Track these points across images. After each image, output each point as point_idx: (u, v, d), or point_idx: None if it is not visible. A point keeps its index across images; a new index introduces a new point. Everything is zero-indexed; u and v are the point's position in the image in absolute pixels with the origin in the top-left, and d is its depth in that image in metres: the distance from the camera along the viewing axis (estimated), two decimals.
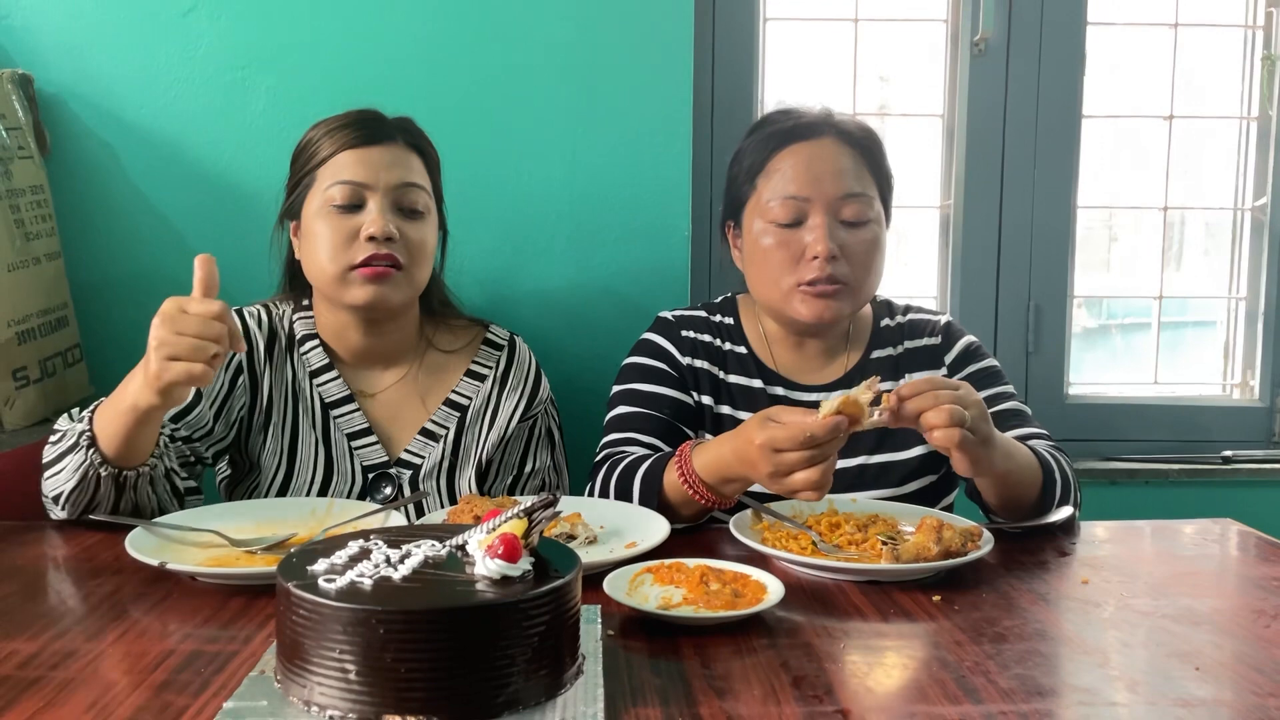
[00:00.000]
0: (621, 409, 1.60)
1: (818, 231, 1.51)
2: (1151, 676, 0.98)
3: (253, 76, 1.94)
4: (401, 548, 0.90)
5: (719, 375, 1.62)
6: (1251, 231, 2.36)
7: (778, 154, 1.55)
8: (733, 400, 1.61)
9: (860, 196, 1.53)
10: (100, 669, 0.96)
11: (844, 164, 1.54)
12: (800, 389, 1.61)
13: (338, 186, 1.49)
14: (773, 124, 1.59)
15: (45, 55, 1.91)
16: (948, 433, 1.24)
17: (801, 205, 1.52)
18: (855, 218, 1.53)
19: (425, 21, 1.95)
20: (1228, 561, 1.38)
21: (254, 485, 1.57)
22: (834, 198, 1.52)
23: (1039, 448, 1.46)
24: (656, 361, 1.62)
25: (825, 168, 1.53)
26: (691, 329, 1.65)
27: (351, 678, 0.79)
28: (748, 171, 1.59)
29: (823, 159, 1.54)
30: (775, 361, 1.63)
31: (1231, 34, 2.34)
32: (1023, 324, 2.31)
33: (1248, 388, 2.40)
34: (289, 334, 1.59)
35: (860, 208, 1.53)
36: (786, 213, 1.53)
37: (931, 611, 1.13)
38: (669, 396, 1.59)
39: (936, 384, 1.28)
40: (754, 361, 1.63)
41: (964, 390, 1.28)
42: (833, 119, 1.58)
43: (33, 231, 1.81)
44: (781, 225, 1.53)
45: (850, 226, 1.53)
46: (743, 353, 1.64)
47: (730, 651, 1.01)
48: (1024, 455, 1.40)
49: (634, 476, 1.44)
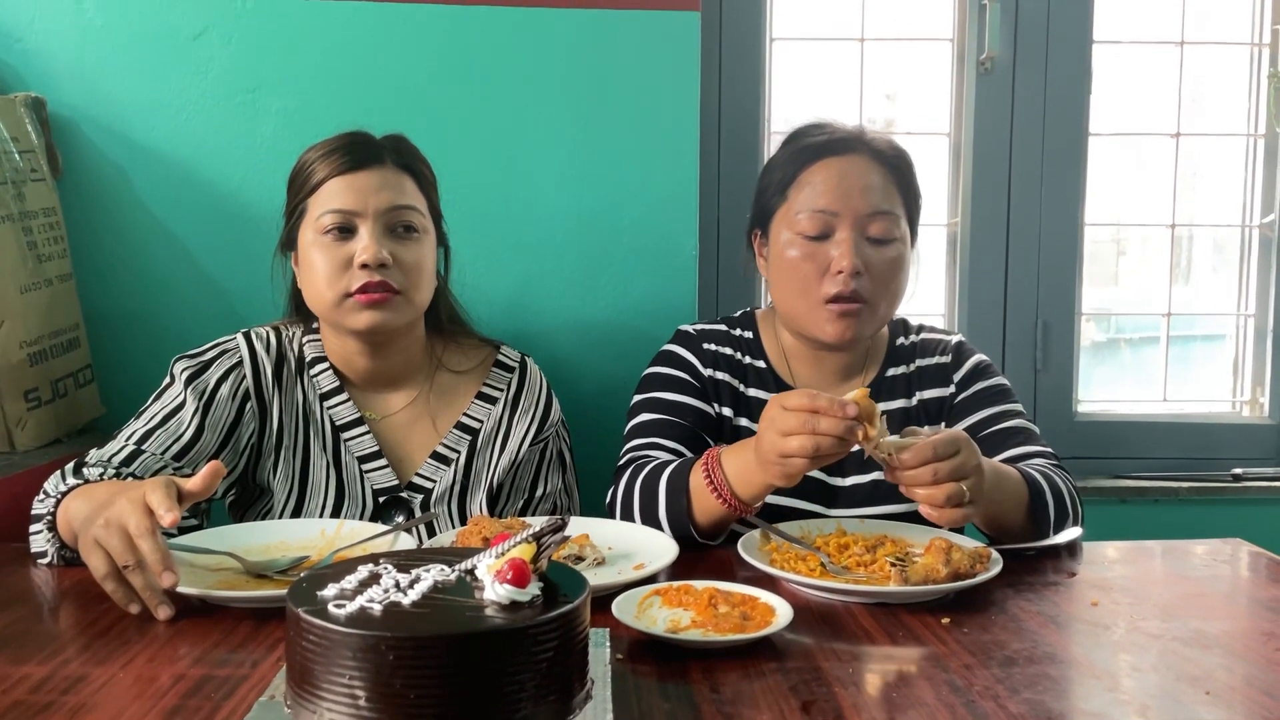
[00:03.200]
0: (644, 416, 1.60)
1: (844, 246, 1.52)
2: (1162, 701, 0.98)
3: (263, 99, 1.95)
4: (411, 572, 0.90)
5: (739, 388, 1.63)
6: (1260, 248, 2.36)
7: (809, 167, 1.57)
8: (750, 414, 1.62)
9: (887, 215, 1.54)
10: (112, 694, 0.97)
11: (873, 181, 1.55)
12: None
13: (328, 215, 1.48)
14: (806, 137, 1.61)
15: (58, 79, 1.93)
16: (945, 514, 1.25)
17: (829, 219, 1.53)
18: (881, 235, 1.54)
19: (434, 43, 1.96)
20: (1238, 583, 1.37)
21: (266, 509, 1.57)
22: (862, 214, 1.53)
23: (1032, 469, 1.46)
24: (679, 371, 1.63)
25: (855, 183, 1.54)
26: (713, 342, 1.66)
27: (361, 703, 0.79)
28: (779, 183, 1.60)
29: (853, 175, 1.55)
30: (794, 377, 1.64)
31: (1238, 51, 2.34)
32: (1031, 341, 2.31)
33: (1257, 405, 2.39)
34: (299, 357, 1.59)
35: (887, 226, 1.54)
36: (814, 225, 1.54)
37: (940, 634, 1.13)
38: (691, 406, 1.60)
39: (938, 452, 1.25)
40: (773, 376, 1.64)
41: (963, 454, 1.26)
42: (865, 136, 1.59)
43: (45, 253, 1.82)
44: (808, 238, 1.54)
45: (875, 244, 1.54)
46: (762, 367, 1.65)
47: (739, 675, 1.01)
48: (1011, 483, 1.39)
49: (659, 479, 1.44)
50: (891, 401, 1.62)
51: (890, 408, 1.62)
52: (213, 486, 1.21)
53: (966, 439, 1.29)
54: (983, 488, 1.28)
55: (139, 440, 1.46)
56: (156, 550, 1.13)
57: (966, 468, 1.26)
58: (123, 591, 1.16)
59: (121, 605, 1.16)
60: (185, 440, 1.48)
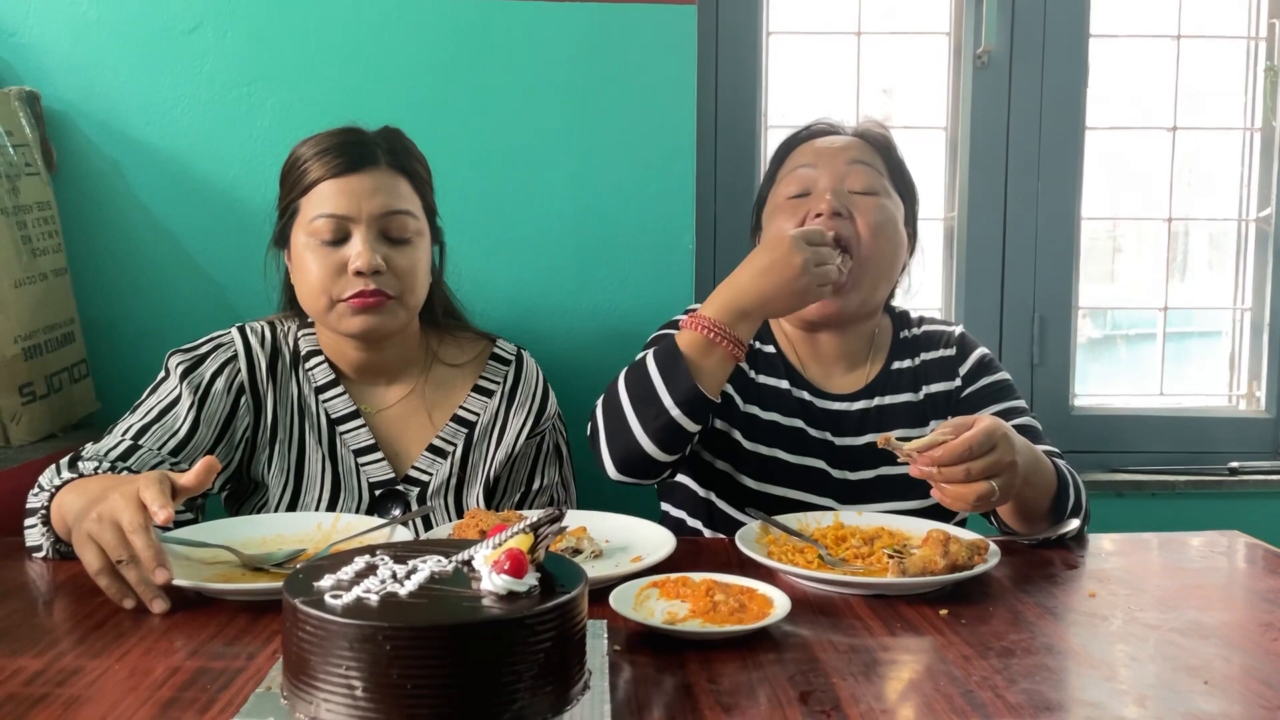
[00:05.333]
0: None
1: (825, 196, 1.53)
2: (1160, 691, 0.98)
3: (258, 93, 1.95)
4: (408, 563, 0.89)
5: (749, 373, 1.62)
6: (1256, 242, 2.36)
7: (793, 151, 1.63)
8: (760, 400, 1.60)
9: (867, 166, 1.57)
10: (106, 686, 0.96)
11: (852, 147, 1.59)
12: (825, 397, 1.61)
13: (321, 220, 1.46)
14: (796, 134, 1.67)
15: (52, 73, 1.92)
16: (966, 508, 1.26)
17: (810, 174, 1.56)
18: (863, 188, 1.55)
19: (430, 38, 1.96)
20: (1235, 574, 1.37)
21: (261, 503, 1.56)
22: (840, 164, 1.56)
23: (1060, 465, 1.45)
24: None
25: (833, 147, 1.59)
26: None
27: (358, 694, 0.79)
28: (768, 177, 1.65)
29: (831, 144, 1.60)
30: (802, 365, 1.64)
31: (1234, 45, 2.34)
32: (1027, 335, 2.31)
33: (1254, 399, 2.39)
34: (294, 351, 1.59)
35: (868, 178, 1.56)
36: (796, 185, 1.57)
37: (938, 625, 1.13)
38: None
39: (974, 450, 1.21)
40: (782, 361, 1.63)
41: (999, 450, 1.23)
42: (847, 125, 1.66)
43: (39, 248, 1.81)
44: (791, 197, 1.57)
45: (859, 195, 1.55)
46: (771, 352, 1.64)
47: (737, 666, 1.01)
48: (1044, 472, 1.38)
49: (645, 359, 1.41)
50: (898, 395, 1.62)
51: (896, 401, 1.61)
52: (207, 482, 1.20)
53: (1004, 433, 1.24)
54: (1014, 484, 1.26)
55: (135, 435, 1.45)
56: (150, 546, 1.13)
57: (1000, 465, 1.23)
58: (116, 586, 1.16)
59: (116, 600, 1.16)
60: (181, 435, 1.47)
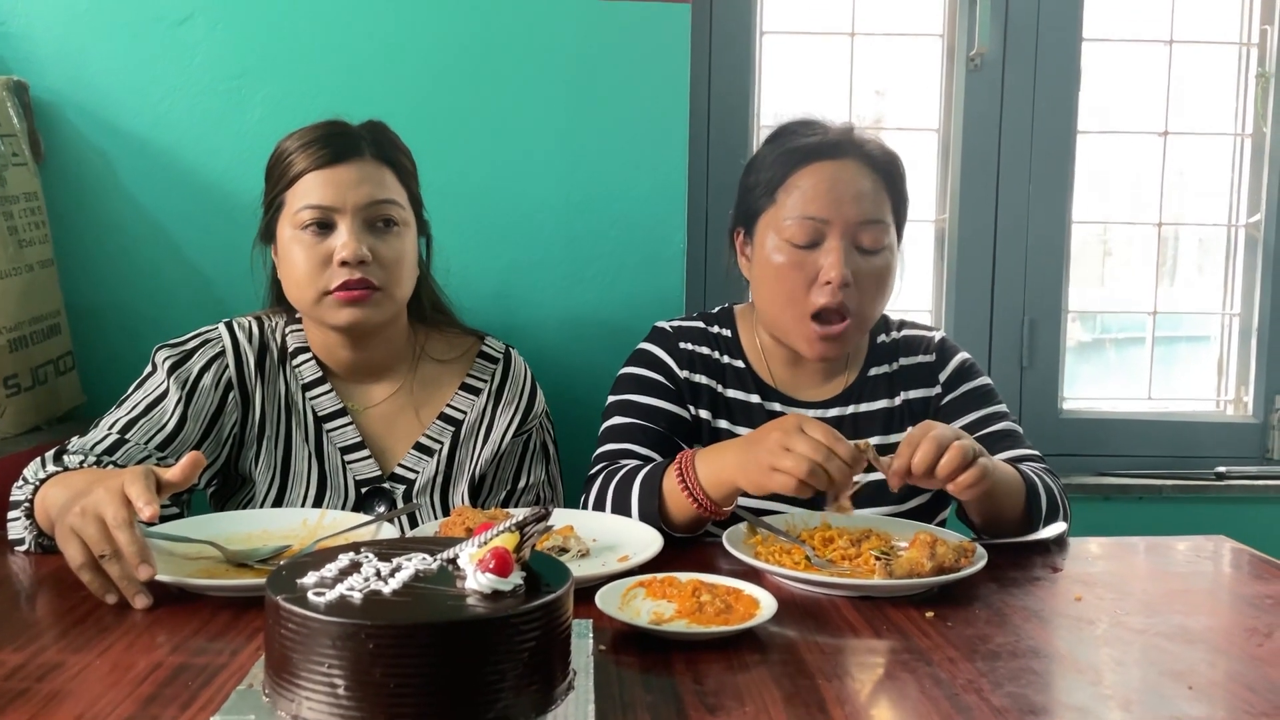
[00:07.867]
0: (617, 419, 1.59)
1: (833, 256, 1.49)
2: (1145, 695, 0.98)
3: (248, 85, 1.94)
4: (392, 561, 0.89)
5: (718, 390, 1.61)
6: (1245, 247, 2.37)
7: (799, 170, 1.52)
8: (730, 415, 1.60)
9: (878, 224, 1.51)
10: (87, 681, 0.95)
11: (865, 187, 1.51)
12: (798, 405, 1.61)
13: (306, 210, 1.46)
14: (796, 136, 1.56)
15: (41, 62, 1.91)
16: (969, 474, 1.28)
17: (819, 227, 1.50)
18: (872, 245, 1.51)
19: (422, 31, 1.95)
20: (1221, 579, 1.38)
21: (247, 499, 1.56)
22: (853, 222, 1.50)
23: (1025, 469, 1.47)
24: (653, 373, 1.61)
25: (846, 190, 1.50)
26: (689, 341, 1.63)
27: (340, 692, 0.79)
28: (767, 184, 1.55)
29: (844, 181, 1.51)
30: (773, 377, 1.63)
31: (1226, 51, 2.35)
32: (1017, 338, 2.31)
33: (1241, 404, 2.40)
34: (281, 347, 1.58)
35: (877, 235, 1.51)
36: (803, 233, 1.50)
37: (924, 628, 1.13)
38: (665, 410, 1.58)
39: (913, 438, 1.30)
40: (752, 376, 1.62)
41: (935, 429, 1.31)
42: (856, 138, 1.55)
43: (26, 239, 1.80)
44: (797, 246, 1.51)
45: (865, 254, 1.51)
46: (740, 367, 1.63)
47: (722, 667, 1.01)
48: (1009, 475, 1.42)
49: (632, 483, 1.43)
50: (874, 402, 1.62)
51: (872, 409, 1.61)
52: (192, 477, 1.19)
53: (928, 421, 1.33)
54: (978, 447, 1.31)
55: (122, 429, 1.44)
56: (134, 542, 1.12)
57: (945, 435, 1.29)
58: (99, 581, 1.15)
59: (98, 595, 1.15)
60: (169, 430, 1.47)
